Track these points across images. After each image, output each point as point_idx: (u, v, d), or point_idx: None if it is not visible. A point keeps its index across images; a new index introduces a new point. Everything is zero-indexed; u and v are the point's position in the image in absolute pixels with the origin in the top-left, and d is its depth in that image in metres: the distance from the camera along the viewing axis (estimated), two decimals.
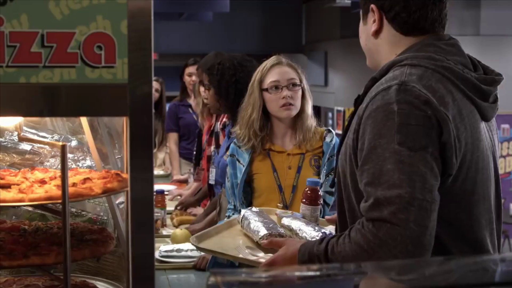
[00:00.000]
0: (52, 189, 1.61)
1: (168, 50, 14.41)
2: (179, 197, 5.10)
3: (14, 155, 2.68)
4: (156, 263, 3.48)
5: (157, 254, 3.60)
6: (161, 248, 3.67)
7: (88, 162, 2.86)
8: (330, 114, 13.52)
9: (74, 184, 1.65)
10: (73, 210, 2.17)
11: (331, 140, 3.07)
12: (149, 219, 1.46)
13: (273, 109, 2.98)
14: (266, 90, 2.97)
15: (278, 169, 3.02)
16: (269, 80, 2.96)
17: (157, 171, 6.11)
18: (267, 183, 3.02)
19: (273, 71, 2.98)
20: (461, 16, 11.95)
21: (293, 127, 3.03)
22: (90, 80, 1.43)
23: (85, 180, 1.70)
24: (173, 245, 3.72)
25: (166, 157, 6.49)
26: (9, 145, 2.71)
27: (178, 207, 4.65)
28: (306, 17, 14.74)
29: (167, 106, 6.25)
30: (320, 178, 3.01)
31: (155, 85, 6.18)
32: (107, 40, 1.45)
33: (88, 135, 2.08)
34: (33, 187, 1.67)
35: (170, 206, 4.70)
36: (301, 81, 3.01)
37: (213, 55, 4.32)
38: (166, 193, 5.08)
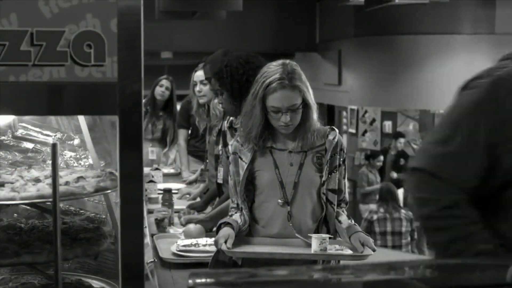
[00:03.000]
0: (45, 187, 1.62)
1: (182, 49, 14.44)
2: (188, 195, 5.10)
3: (16, 153, 2.70)
4: (174, 257, 3.52)
5: (174, 249, 3.58)
6: (179, 242, 3.66)
7: (90, 160, 2.87)
8: (344, 113, 13.47)
9: (67, 183, 1.65)
10: (72, 208, 2.17)
11: (334, 138, 3.04)
12: (138, 218, 1.45)
13: (274, 125, 2.98)
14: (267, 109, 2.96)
15: (279, 166, 3.00)
16: (270, 103, 2.93)
17: (167, 170, 6.11)
18: (268, 179, 3.01)
19: (275, 95, 2.93)
20: (476, 14, 11.89)
21: (295, 132, 3.01)
22: (79, 79, 1.43)
23: (79, 178, 1.69)
24: (190, 239, 3.71)
25: (177, 156, 6.49)
26: (11, 144, 2.72)
27: (187, 209, 4.65)
28: (319, 16, 14.69)
29: (180, 103, 6.25)
30: (322, 176, 2.99)
31: (166, 83, 6.18)
32: (96, 39, 1.44)
33: (85, 133, 2.08)
34: (27, 185, 1.67)
35: (179, 205, 4.70)
36: (304, 98, 2.97)
37: (220, 53, 4.31)
38: (175, 191, 5.08)
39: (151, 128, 6.25)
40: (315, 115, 2.98)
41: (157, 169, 5.62)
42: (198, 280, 0.99)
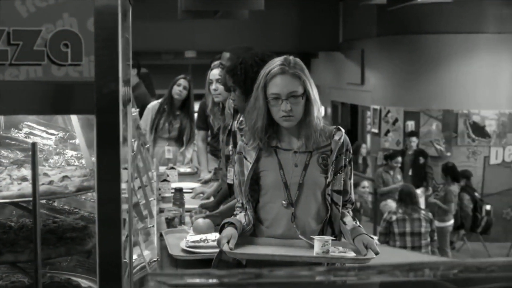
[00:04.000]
0: (28, 186, 1.62)
1: (205, 48, 14.47)
2: (201, 194, 5.10)
3: (18, 152, 2.71)
4: (183, 254, 3.55)
5: (183, 245, 3.59)
6: (188, 238, 3.67)
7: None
8: (368, 113, 13.39)
9: (51, 182, 1.65)
10: (66, 207, 2.17)
11: (340, 139, 3.01)
12: (116, 217, 1.45)
13: (275, 117, 2.94)
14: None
15: (284, 166, 2.97)
16: (270, 90, 2.91)
17: (184, 169, 6.11)
18: (273, 180, 2.98)
19: (275, 81, 2.92)
20: (501, 13, 11.75)
21: (298, 129, 2.98)
22: (56, 78, 1.43)
23: (64, 178, 1.69)
24: (199, 235, 3.71)
25: (194, 155, 6.49)
26: (13, 142, 2.74)
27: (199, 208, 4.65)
28: (343, 15, 14.63)
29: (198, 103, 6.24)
30: (328, 177, 2.96)
31: (183, 82, 6.18)
32: (73, 38, 1.44)
33: (78, 132, 2.09)
34: (12, 184, 1.67)
35: (193, 204, 4.69)
36: (305, 88, 2.94)
37: (243, 48, 4.30)
38: (189, 190, 5.08)
39: (168, 127, 6.25)
40: (316, 112, 2.94)
41: (172, 168, 5.63)
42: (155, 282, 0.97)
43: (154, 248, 3.28)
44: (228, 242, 2.84)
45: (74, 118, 2.03)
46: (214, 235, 3.51)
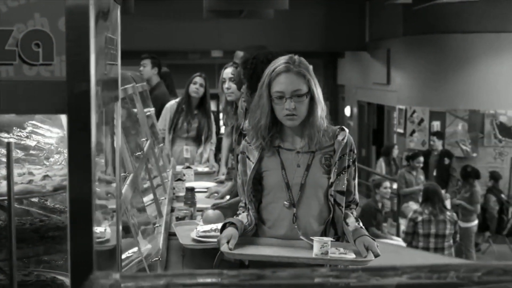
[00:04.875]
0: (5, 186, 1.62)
1: (231, 48, 14.50)
2: (216, 194, 5.10)
3: (18, 150, 2.73)
4: (193, 243, 3.59)
5: (194, 234, 3.64)
6: (199, 228, 3.69)
7: None
8: (395, 114, 13.29)
9: (30, 181, 1.66)
10: (58, 206, 2.18)
11: (343, 139, 2.97)
12: (87, 217, 1.45)
13: (279, 116, 2.93)
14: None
15: (286, 167, 2.96)
16: (274, 88, 2.90)
17: (202, 168, 6.12)
18: (275, 181, 2.97)
19: (280, 79, 2.90)
20: None
21: (302, 129, 2.96)
22: (28, 78, 1.44)
23: (45, 177, 1.70)
24: (210, 225, 3.73)
25: (211, 154, 6.49)
26: (13, 141, 2.76)
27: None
28: (369, 14, 14.55)
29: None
30: (330, 177, 2.94)
31: (199, 80, 6.19)
32: (45, 38, 1.44)
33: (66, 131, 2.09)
34: None
35: (207, 203, 4.70)
36: (310, 87, 2.92)
37: (257, 48, 4.29)
38: (204, 190, 5.09)
39: (186, 126, 6.26)
40: (320, 111, 2.92)
41: (188, 167, 5.64)
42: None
43: (158, 247, 3.29)
44: (228, 242, 2.84)
45: (63, 117, 2.04)
46: None
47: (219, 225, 3.64)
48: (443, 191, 9.97)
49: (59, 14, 1.43)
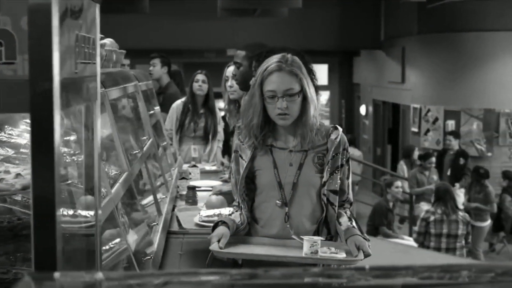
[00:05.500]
0: None
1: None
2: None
3: (8, 149, 2.74)
4: (196, 228, 3.66)
5: (197, 219, 3.72)
6: (202, 213, 3.72)
7: (83, 156, 2.89)
8: (410, 113, 13.19)
9: (1, 180, 1.67)
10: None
11: (336, 138, 2.95)
12: (50, 216, 1.45)
13: (271, 115, 2.91)
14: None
15: (279, 166, 2.94)
16: (266, 87, 2.88)
17: (210, 167, 6.11)
18: (267, 180, 2.96)
19: (272, 78, 2.88)
20: None
21: (294, 128, 2.95)
22: None
23: (17, 175, 1.70)
24: (213, 210, 3.75)
25: (218, 152, 6.48)
26: (4, 139, 2.77)
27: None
28: (384, 12, 14.46)
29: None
30: (323, 176, 2.92)
31: (201, 77, 6.18)
32: (7, 37, 1.44)
33: None
34: None
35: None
36: (302, 86, 2.90)
37: (258, 46, 4.27)
38: (210, 188, 5.09)
39: (193, 126, 6.25)
40: (312, 110, 2.90)
41: (194, 166, 5.64)
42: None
43: (152, 246, 3.29)
44: (219, 241, 2.84)
45: None
46: (228, 210, 3.52)
47: (222, 210, 3.65)
48: (459, 187, 9.89)
49: (21, 13, 1.43)
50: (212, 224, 3.25)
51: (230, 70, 5.05)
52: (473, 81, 11.68)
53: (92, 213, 1.98)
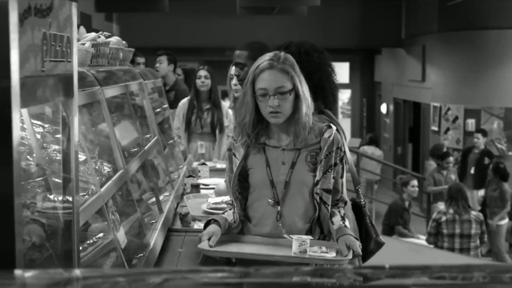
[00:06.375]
0: None
1: (267, 44, 14.48)
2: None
3: None
4: (204, 215, 3.69)
5: (205, 207, 3.79)
6: (210, 200, 3.75)
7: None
8: (430, 112, 13.08)
9: None
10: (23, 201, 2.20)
11: (330, 136, 2.93)
12: (9, 217, 1.45)
13: (263, 113, 2.90)
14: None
15: (271, 164, 2.93)
16: (258, 85, 2.87)
17: (220, 165, 6.11)
18: (260, 178, 2.95)
19: (263, 76, 2.87)
20: None
21: (287, 126, 2.93)
22: None
23: None
24: (221, 197, 3.77)
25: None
26: None
27: None
28: (405, 10, 14.35)
29: None
30: (316, 175, 2.90)
31: (203, 73, 6.18)
32: None
33: (28, 126, 2.11)
34: None
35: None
36: (294, 84, 2.88)
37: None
38: (213, 186, 5.09)
39: (199, 122, 6.25)
40: (305, 108, 2.88)
41: (204, 164, 5.64)
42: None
43: (147, 244, 3.29)
44: (210, 240, 2.84)
45: (24, 112, 2.05)
46: None
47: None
48: (480, 191, 9.77)
49: None
50: (218, 212, 3.26)
51: (234, 69, 5.05)
52: (493, 79, 11.54)
53: (69, 207, 1.99)
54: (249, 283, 1.31)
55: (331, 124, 3.01)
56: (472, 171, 10.58)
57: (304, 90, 2.90)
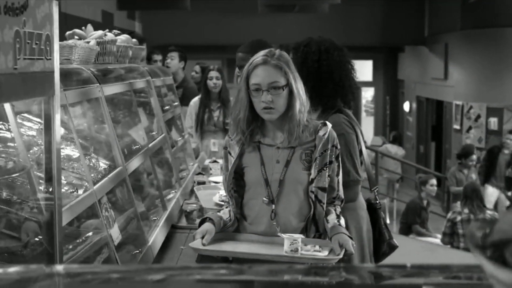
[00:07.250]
0: None
1: (287, 42, 14.46)
2: None
3: None
4: (215, 207, 3.69)
5: (217, 198, 3.80)
6: (221, 192, 3.79)
7: (66, 151, 2.93)
8: (453, 110, 12.94)
9: None
10: (15, 198, 2.22)
11: (325, 134, 2.90)
12: None
13: (257, 109, 2.89)
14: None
15: (266, 163, 2.92)
16: (251, 81, 2.86)
17: None
18: (254, 177, 2.94)
19: (257, 71, 2.86)
20: None
21: (281, 124, 2.92)
22: None
23: None
24: None
25: None
26: None
27: None
28: (428, 8, 14.21)
29: None
30: (311, 173, 2.89)
31: (214, 74, 6.17)
32: None
33: (12, 123, 2.13)
34: None
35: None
36: (288, 80, 2.86)
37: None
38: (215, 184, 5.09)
39: (211, 121, 6.25)
40: (298, 105, 2.86)
41: (215, 161, 5.65)
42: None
43: (145, 241, 3.30)
44: (203, 238, 2.84)
45: (7, 107, 2.07)
46: None
47: None
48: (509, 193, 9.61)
49: None
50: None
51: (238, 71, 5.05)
52: None
53: (50, 204, 2.00)
54: (246, 281, 1.31)
55: (326, 122, 2.98)
56: (507, 173, 10.34)
57: (299, 87, 2.88)
